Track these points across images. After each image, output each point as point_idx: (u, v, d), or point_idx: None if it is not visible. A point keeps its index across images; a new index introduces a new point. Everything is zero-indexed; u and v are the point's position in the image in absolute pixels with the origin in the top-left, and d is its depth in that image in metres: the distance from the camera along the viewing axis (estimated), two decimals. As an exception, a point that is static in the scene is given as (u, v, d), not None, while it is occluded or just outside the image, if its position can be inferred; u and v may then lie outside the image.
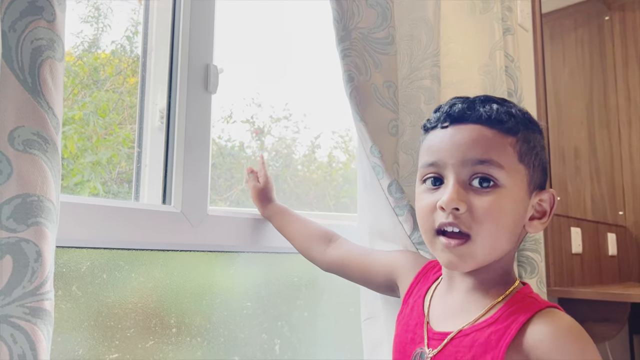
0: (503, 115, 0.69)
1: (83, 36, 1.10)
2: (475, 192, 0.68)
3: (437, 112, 0.75)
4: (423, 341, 0.74)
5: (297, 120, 1.52)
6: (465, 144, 0.68)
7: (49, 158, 0.60)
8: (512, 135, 0.70)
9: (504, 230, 0.69)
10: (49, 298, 0.60)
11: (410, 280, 0.85)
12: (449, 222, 0.68)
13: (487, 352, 0.66)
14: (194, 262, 1.06)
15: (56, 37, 0.62)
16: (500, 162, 0.68)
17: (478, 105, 0.71)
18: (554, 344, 0.63)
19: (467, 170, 0.68)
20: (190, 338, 1.03)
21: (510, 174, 0.68)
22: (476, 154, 0.68)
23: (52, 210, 0.61)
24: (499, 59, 1.27)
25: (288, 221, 1.02)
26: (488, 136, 0.68)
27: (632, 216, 2.56)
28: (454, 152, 0.69)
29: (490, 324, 0.68)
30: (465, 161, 0.68)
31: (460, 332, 0.70)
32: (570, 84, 2.35)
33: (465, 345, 0.69)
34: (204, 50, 1.05)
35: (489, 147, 0.68)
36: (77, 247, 0.89)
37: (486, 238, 0.68)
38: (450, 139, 0.70)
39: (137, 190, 1.06)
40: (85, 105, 1.10)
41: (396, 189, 0.97)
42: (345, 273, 0.96)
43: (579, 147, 2.35)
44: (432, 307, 0.78)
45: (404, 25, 1.16)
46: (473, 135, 0.69)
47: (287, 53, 1.47)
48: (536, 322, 0.66)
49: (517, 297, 0.71)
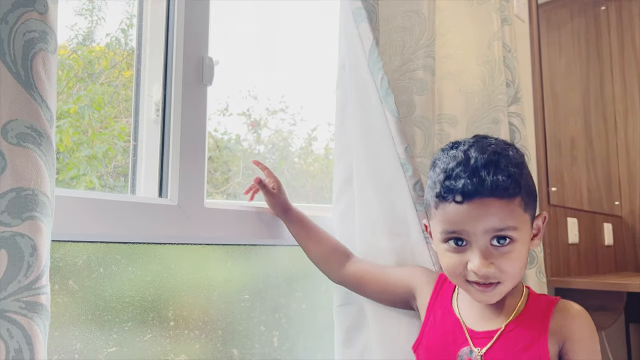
0: (507, 182, 0.78)
1: (77, 29, 1.09)
2: (496, 249, 0.80)
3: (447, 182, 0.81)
4: (466, 342, 0.86)
5: (293, 113, 1.52)
6: (484, 218, 0.78)
7: (43, 152, 0.60)
8: (517, 195, 0.80)
9: (522, 267, 0.83)
10: (45, 292, 0.60)
11: (430, 292, 0.95)
12: (482, 281, 0.81)
13: (533, 342, 0.81)
14: (191, 255, 1.06)
15: (49, 29, 0.61)
16: (514, 225, 0.79)
17: (484, 175, 0.78)
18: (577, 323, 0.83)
19: (488, 236, 0.79)
20: (188, 331, 1.03)
21: (521, 228, 0.81)
22: (493, 224, 0.78)
23: (47, 204, 0.60)
24: (497, 49, 1.27)
25: (308, 231, 1.07)
26: (501, 207, 0.78)
27: (628, 206, 2.57)
28: (474, 225, 0.79)
29: (526, 319, 0.84)
30: (486, 230, 0.79)
31: (507, 327, 0.84)
32: (567, 74, 2.35)
33: (512, 339, 0.83)
34: (199, 42, 1.05)
35: (503, 216, 0.78)
36: (74, 241, 0.88)
37: (512, 280, 0.83)
38: (468, 213, 0.79)
39: (133, 183, 1.05)
40: (80, 98, 1.09)
41: (420, 187, 1.04)
42: (360, 287, 1.04)
43: (575, 138, 2.35)
44: (463, 312, 0.90)
45: (396, 17, 1.16)
46: (489, 209, 0.78)
47: (283, 45, 1.46)
48: (558, 312, 0.84)
49: (532, 298, 0.88)
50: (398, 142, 1.04)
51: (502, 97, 1.24)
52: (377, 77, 1.05)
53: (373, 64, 1.05)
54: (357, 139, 1.10)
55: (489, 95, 1.23)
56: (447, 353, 0.87)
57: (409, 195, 1.03)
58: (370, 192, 1.07)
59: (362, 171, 1.08)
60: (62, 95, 1.08)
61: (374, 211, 1.06)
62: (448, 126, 1.23)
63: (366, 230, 1.07)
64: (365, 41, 1.06)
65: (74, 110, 1.08)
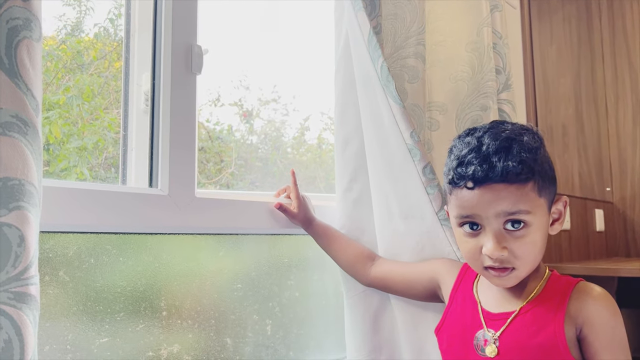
0: (519, 168, 0.79)
1: (65, 19, 1.08)
2: (510, 234, 0.81)
3: (459, 169, 0.83)
4: (482, 325, 0.86)
5: (286, 103, 1.51)
6: (495, 201, 0.79)
7: (29, 141, 0.59)
8: (530, 180, 0.80)
9: (538, 253, 0.83)
10: (34, 283, 0.59)
11: (454, 280, 0.97)
12: (497, 266, 0.82)
13: (548, 323, 0.81)
14: (183, 245, 1.06)
15: (33, 16, 0.60)
16: (527, 209, 0.80)
17: (495, 161, 0.79)
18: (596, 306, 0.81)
19: (500, 220, 0.80)
20: (181, 321, 1.03)
21: (535, 212, 0.81)
22: (505, 208, 0.79)
23: (34, 194, 0.60)
24: (486, 35, 1.26)
25: (333, 241, 1.12)
26: (512, 191, 0.79)
27: (619, 192, 2.59)
28: (486, 209, 0.80)
29: (543, 301, 0.83)
30: (497, 214, 0.80)
31: (522, 310, 0.84)
32: (558, 61, 2.35)
33: (528, 320, 0.83)
34: (188, 30, 1.04)
35: (515, 200, 0.79)
36: (64, 232, 0.88)
37: (527, 265, 0.83)
38: (479, 198, 0.80)
39: (123, 174, 1.05)
40: (69, 89, 1.08)
41: (430, 170, 1.06)
42: (387, 286, 1.08)
43: (566, 124, 2.36)
44: (482, 295, 0.91)
45: (387, 4, 1.15)
46: (500, 194, 0.79)
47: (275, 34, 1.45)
48: (577, 292, 0.82)
49: (553, 279, 0.87)
50: (403, 128, 1.05)
51: (491, 83, 1.23)
52: (377, 64, 1.06)
53: (373, 51, 1.06)
54: (365, 127, 1.11)
55: (478, 82, 1.23)
56: (465, 336, 0.88)
57: (419, 179, 1.05)
58: (384, 178, 1.09)
59: (375, 158, 1.10)
60: (51, 87, 1.07)
61: (390, 196, 1.09)
62: (438, 114, 1.23)
63: (384, 216, 1.10)
64: (364, 29, 1.07)
65: (63, 101, 1.07)
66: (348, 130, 1.16)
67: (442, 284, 1.00)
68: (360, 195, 1.15)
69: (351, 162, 1.16)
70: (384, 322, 1.14)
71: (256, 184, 1.45)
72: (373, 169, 1.11)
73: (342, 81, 1.17)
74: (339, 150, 1.17)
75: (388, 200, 1.09)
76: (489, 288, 0.91)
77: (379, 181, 1.10)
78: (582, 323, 0.80)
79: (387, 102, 1.06)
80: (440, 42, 1.26)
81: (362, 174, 1.15)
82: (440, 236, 1.05)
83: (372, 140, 1.10)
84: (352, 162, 1.16)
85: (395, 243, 1.09)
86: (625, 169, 2.58)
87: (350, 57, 1.14)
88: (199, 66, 1.04)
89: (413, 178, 1.06)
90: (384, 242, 1.11)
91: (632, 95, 2.58)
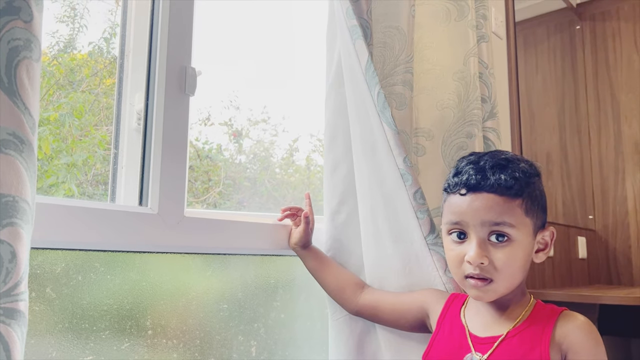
0: (510, 182, 0.84)
1: (59, 36, 1.09)
2: (493, 246, 0.85)
3: (455, 177, 0.89)
4: (470, 348, 0.88)
5: (275, 124, 1.53)
6: (483, 210, 0.84)
7: (25, 159, 0.60)
8: (519, 197, 0.85)
9: (517, 271, 0.86)
10: (24, 299, 0.60)
11: (441, 308, 0.99)
12: (476, 273, 0.85)
13: (534, 347, 0.83)
14: (170, 264, 1.06)
15: (33, 37, 0.61)
16: (511, 222, 0.84)
17: (489, 174, 0.85)
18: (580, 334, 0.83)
19: (486, 230, 0.85)
20: (166, 340, 1.03)
21: (519, 229, 0.85)
22: (492, 218, 0.84)
23: (28, 211, 0.61)
24: (473, 65, 1.30)
25: (324, 265, 1.13)
26: (500, 202, 0.84)
27: (602, 220, 2.63)
28: (474, 216, 0.85)
29: (529, 325, 0.86)
30: (483, 223, 0.84)
31: (509, 334, 0.86)
32: (543, 91, 2.41)
33: (515, 344, 0.85)
34: (182, 52, 1.06)
35: (501, 211, 0.84)
36: (52, 248, 0.88)
37: (504, 280, 0.85)
38: (469, 205, 0.86)
39: (113, 191, 1.05)
40: (61, 106, 1.09)
41: (420, 195, 1.08)
42: (376, 315, 1.09)
43: (550, 153, 2.40)
44: (469, 319, 0.93)
45: (377, 32, 1.18)
46: (488, 202, 0.84)
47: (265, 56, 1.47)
48: (561, 322, 0.85)
49: (538, 307, 0.89)
50: (397, 153, 1.07)
51: (477, 112, 1.27)
52: (374, 91, 1.08)
53: (370, 79, 1.09)
54: (357, 151, 1.13)
55: (464, 110, 1.26)
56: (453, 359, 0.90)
57: (410, 204, 1.07)
58: (375, 202, 1.10)
59: (365, 182, 1.12)
60: (42, 103, 1.08)
61: (379, 220, 1.10)
62: (424, 140, 1.25)
63: (372, 238, 1.11)
64: (362, 57, 1.10)
65: (54, 118, 1.08)
66: (338, 154, 1.18)
67: (431, 312, 1.01)
68: (349, 218, 1.16)
69: (340, 185, 1.17)
70: (369, 345, 1.14)
71: (244, 204, 1.46)
72: (363, 192, 1.13)
73: (333, 105, 1.19)
74: (328, 173, 1.19)
75: (377, 223, 1.10)
76: (476, 314, 0.93)
77: (369, 205, 1.12)
78: (566, 350, 0.82)
79: (382, 128, 1.08)
80: (428, 71, 1.29)
81: (350, 196, 1.16)
82: (428, 261, 1.07)
83: (363, 165, 1.12)
84: (341, 185, 1.17)
85: (383, 266, 1.10)
86: (607, 198, 2.63)
87: (342, 83, 1.16)
88: (192, 88, 1.06)
89: (404, 202, 1.08)
90: (371, 264, 1.12)
91: (614, 126, 2.65)
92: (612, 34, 2.68)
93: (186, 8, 1.07)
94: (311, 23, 1.44)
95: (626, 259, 2.56)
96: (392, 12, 1.20)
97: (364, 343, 1.14)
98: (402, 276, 1.08)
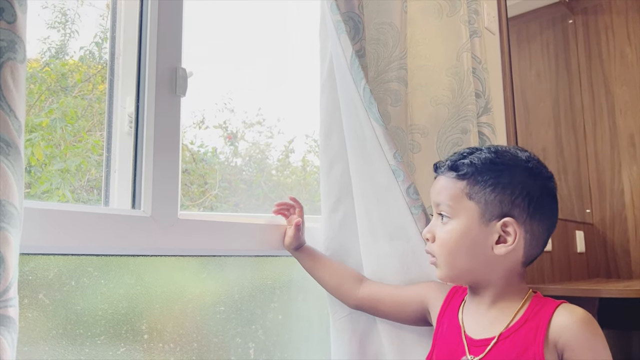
0: (457, 165, 0.88)
1: (50, 42, 1.08)
2: (440, 225, 0.89)
3: None
4: (465, 351, 0.87)
5: (270, 125, 1.52)
6: (434, 190, 0.92)
7: (11, 162, 0.59)
8: (462, 180, 0.88)
9: (457, 252, 0.87)
10: (13, 305, 0.59)
11: (441, 303, 0.99)
12: (426, 249, 0.93)
13: (527, 348, 0.81)
14: (165, 267, 1.05)
15: (17, 38, 0.61)
16: (447, 202, 0.88)
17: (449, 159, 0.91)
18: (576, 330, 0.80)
19: (435, 209, 0.91)
20: (163, 344, 1.02)
21: (459, 210, 0.87)
22: (435, 197, 0.91)
23: (15, 215, 0.60)
24: (466, 60, 1.30)
25: (320, 262, 1.13)
26: (444, 184, 0.90)
27: (599, 214, 2.63)
28: (431, 196, 0.92)
29: (523, 325, 0.84)
30: (433, 203, 0.91)
31: (501, 336, 0.84)
32: (537, 85, 2.41)
33: (508, 346, 0.83)
34: (172, 53, 1.05)
35: (443, 191, 0.89)
36: (44, 254, 0.87)
37: (442, 257, 0.89)
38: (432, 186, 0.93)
39: (106, 195, 1.04)
40: (53, 111, 1.08)
41: (414, 190, 1.08)
42: (376, 309, 1.08)
43: (546, 147, 2.40)
44: (466, 320, 0.92)
45: (370, 29, 1.18)
46: (438, 183, 0.92)
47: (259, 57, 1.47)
48: (557, 316, 0.82)
49: (534, 301, 0.87)
50: (386, 149, 1.07)
51: (471, 107, 1.26)
52: (359, 86, 1.08)
53: (355, 74, 1.08)
54: (350, 148, 1.13)
55: (458, 105, 1.26)
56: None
57: (403, 200, 1.07)
58: (368, 199, 1.10)
59: (359, 180, 1.11)
60: (34, 109, 1.07)
61: (374, 217, 1.10)
62: (419, 136, 1.25)
63: (368, 237, 1.11)
64: (347, 52, 1.09)
65: (46, 124, 1.07)
66: (333, 152, 1.17)
67: (431, 307, 1.01)
68: (346, 216, 1.16)
69: (337, 184, 1.17)
70: (371, 344, 1.13)
71: (240, 206, 1.45)
72: (358, 190, 1.12)
73: (326, 104, 1.18)
74: (324, 172, 1.18)
75: (373, 221, 1.10)
76: (472, 313, 0.92)
77: (364, 202, 1.11)
78: (562, 348, 0.80)
79: (370, 124, 1.07)
80: (422, 67, 1.28)
81: (347, 195, 1.15)
82: (425, 256, 1.06)
83: (356, 162, 1.12)
84: (338, 183, 1.17)
85: (381, 264, 1.09)
86: (604, 191, 2.63)
87: (334, 80, 1.16)
88: (183, 89, 1.05)
89: (397, 199, 1.08)
90: (369, 263, 1.11)
91: (608, 119, 2.65)
92: (604, 27, 2.68)
93: (175, 8, 1.07)
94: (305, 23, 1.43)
95: (624, 251, 2.55)
96: (384, 8, 1.20)
97: (367, 342, 1.14)
98: (400, 273, 1.08)
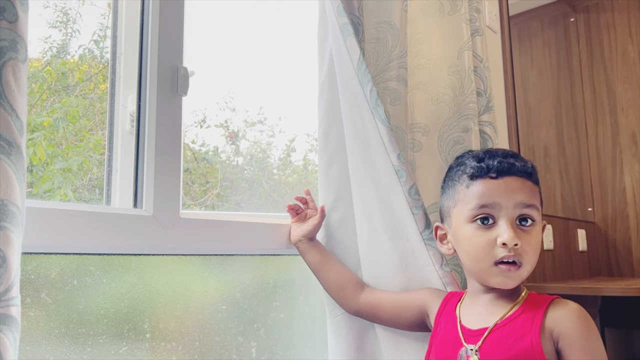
0: (532, 169, 0.91)
1: (51, 42, 1.08)
2: (521, 230, 0.86)
3: (481, 163, 0.90)
4: (462, 342, 0.89)
5: (272, 124, 1.52)
6: (516, 191, 0.87)
7: (13, 161, 0.59)
8: (538, 184, 0.92)
9: (537, 253, 0.88)
10: (15, 304, 0.59)
11: (438, 306, 1.00)
12: (511, 255, 0.85)
13: (524, 335, 0.83)
14: (167, 266, 1.05)
15: (19, 37, 0.61)
16: (537, 206, 0.89)
17: (512, 160, 0.90)
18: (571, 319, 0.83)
19: (517, 212, 0.87)
20: (165, 343, 1.02)
21: (539, 215, 0.89)
22: (524, 199, 0.87)
23: (17, 214, 0.60)
24: (467, 59, 1.29)
25: (328, 262, 1.12)
26: (529, 186, 0.89)
27: (601, 212, 2.63)
28: (508, 197, 0.87)
29: (520, 315, 0.86)
30: (516, 204, 0.86)
31: (497, 324, 0.87)
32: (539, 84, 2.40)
33: (505, 333, 0.85)
34: (174, 52, 1.05)
35: (531, 194, 0.88)
36: (47, 253, 0.87)
37: (530, 264, 0.87)
38: (502, 186, 0.88)
39: (108, 194, 1.04)
40: (54, 111, 1.08)
41: (415, 191, 1.08)
42: (376, 315, 1.08)
43: (548, 146, 2.40)
44: (463, 313, 0.94)
45: (369, 28, 1.18)
46: (521, 185, 0.88)
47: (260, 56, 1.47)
48: (552, 309, 0.85)
49: (530, 297, 0.90)
50: (390, 150, 1.08)
51: (472, 105, 1.26)
52: (366, 88, 1.08)
53: (362, 76, 1.09)
54: (350, 148, 1.13)
55: (459, 104, 1.25)
56: (450, 354, 0.91)
57: (405, 200, 1.07)
58: (369, 198, 1.10)
59: (360, 179, 1.12)
60: (36, 108, 1.07)
61: (375, 216, 1.10)
62: (420, 135, 1.25)
63: (368, 235, 1.11)
64: (353, 54, 1.09)
65: (48, 123, 1.07)
66: (332, 151, 1.17)
67: (430, 312, 1.02)
68: (344, 215, 1.16)
69: (335, 182, 1.17)
70: (367, 342, 1.14)
71: (242, 205, 1.45)
72: (358, 189, 1.12)
73: (325, 103, 1.18)
74: (323, 170, 1.18)
75: (373, 220, 1.10)
76: (470, 306, 0.94)
77: (364, 201, 1.11)
78: (557, 336, 0.83)
79: (375, 125, 1.08)
80: (422, 65, 1.28)
81: (345, 194, 1.16)
82: (424, 256, 1.07)
83: (357, 162, 1.12)
84: (336, 182, 1.17)
85: (379, 262, 1.10)
86: (606, 189, 2.62)
87: (334, 80, 1.16)
88: (184, 88, 1.05)
89: (399, 199, 1.08)
90: (367, 261, 1.12)
91: (610, 117, 2.64)
92: (606, 25, 2.68)
93: (177, 7, 1.07)
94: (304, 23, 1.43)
95: (626, 250, 2.55)
96: (383, 7, 1.20)
97: (363, 340, 1.14)
98: (398, 272, 1.08)
